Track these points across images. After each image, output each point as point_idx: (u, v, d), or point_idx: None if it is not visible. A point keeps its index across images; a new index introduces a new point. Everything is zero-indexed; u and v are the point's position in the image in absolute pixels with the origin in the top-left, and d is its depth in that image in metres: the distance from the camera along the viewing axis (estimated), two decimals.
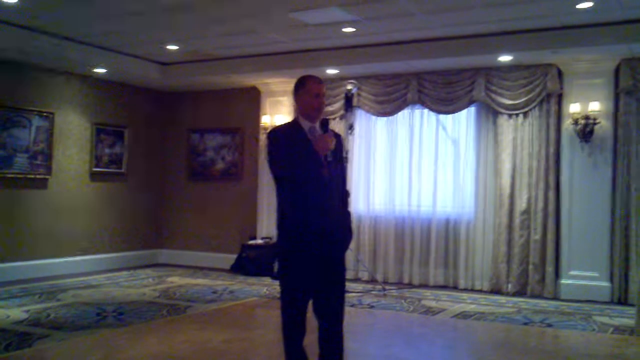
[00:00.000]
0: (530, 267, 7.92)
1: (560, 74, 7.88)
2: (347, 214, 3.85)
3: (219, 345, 5.24)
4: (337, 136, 3.76)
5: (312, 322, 3.65)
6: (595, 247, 7.61)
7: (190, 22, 7.32)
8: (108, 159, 9.78)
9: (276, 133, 3.71)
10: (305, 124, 3.67)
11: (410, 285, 8.57)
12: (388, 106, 8.79)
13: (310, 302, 3.67)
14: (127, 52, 8.87)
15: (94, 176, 9.56)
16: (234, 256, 9.65)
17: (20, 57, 8.29)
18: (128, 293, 7.61)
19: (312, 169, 3.55)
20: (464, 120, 8.59)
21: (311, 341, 3.67)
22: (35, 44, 7.79)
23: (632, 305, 6.89)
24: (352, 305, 7.05)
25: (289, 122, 3.84)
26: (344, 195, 3.85)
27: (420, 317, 6.69)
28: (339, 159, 3.77)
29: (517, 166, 8.09)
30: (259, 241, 9.53)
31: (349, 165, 8.54)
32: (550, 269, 7.81)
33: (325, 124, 3.65)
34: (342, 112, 8.99)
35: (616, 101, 7.64)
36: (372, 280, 8.65)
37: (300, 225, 3.56)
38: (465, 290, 8.26)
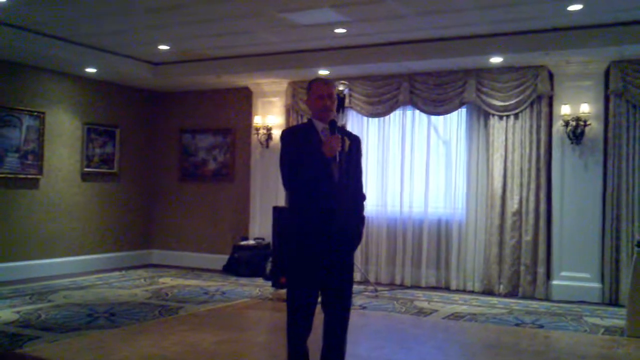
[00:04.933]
0: (522, 268, 7.95)
1: (551, 75, 7.92)
2: (360, 218, 3.85)
3: (211, 347, 5.23)
4: (355, 139, 3.80)
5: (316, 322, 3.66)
6: (587, 248, 7.65)
7: (182, 22, 7.30)
8: (99, 159, 9.74)
9: (287, 134, 3.78)
10: (319, 125, 3.73)
11: (402, 286, 8.59)
12: (380, 107, 8.80)
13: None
14: (119, 52, 8.84)
15: (85, 176, 9.52)
16: (226, 257, 9.64)
17: (10, 56, 8.25)
18: (119, 294, 7.58)
19: (318, 170, 3.58)
20: (455, 122, 8.61)
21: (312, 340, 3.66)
22: (25, 43, 7.74)
23: (622, 306, 6.95)
24: None
25: (303, 123, 3.92)
26: (359, 198, 3.87)
27: (413, 318, 6.71)
28: (354, 161, 3.79)
29: (509, 167, 8.12)
30: (251, 242, 9.51)
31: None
32: (541, 270, 7.84)
33: (332, 125, 3.66)
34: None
35: (606, 103, 7.67)
36: (364, 281, 8.66)
37: (304, 226, 3.61)
38: (457, 291, 8.28)
